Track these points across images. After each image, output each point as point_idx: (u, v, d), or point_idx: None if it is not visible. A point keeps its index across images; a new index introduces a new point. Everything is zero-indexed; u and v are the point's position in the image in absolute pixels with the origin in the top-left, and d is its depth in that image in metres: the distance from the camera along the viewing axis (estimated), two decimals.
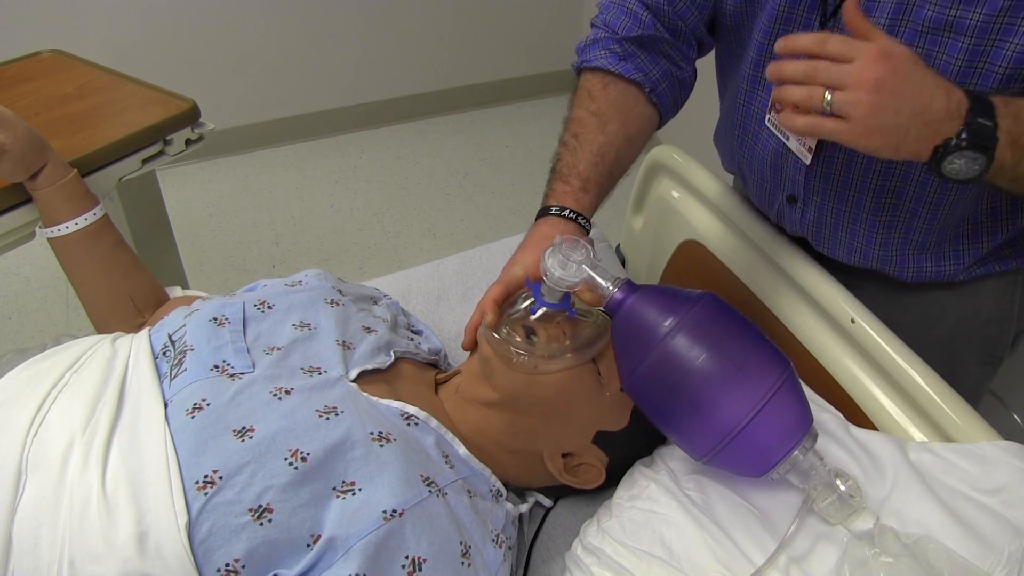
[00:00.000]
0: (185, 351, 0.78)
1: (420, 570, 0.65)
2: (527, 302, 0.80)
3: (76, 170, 0.96)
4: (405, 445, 0.72)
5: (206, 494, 0.64)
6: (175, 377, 0.75)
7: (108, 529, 0.63)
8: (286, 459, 0.67)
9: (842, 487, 0.69)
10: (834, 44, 0.67)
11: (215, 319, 0.81)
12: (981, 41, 0.71)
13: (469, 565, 0.68)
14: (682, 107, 1.00)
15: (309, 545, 0.64)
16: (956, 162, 0.67)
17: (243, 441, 0.67)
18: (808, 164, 0.88)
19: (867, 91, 0.65)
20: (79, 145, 1.07)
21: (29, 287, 2.26)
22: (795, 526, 0.70)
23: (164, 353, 0.80)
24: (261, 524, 0.64)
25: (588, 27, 0.98)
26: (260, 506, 0.64)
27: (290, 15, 2.76)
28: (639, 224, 1.32)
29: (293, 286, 0.92)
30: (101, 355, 0.79)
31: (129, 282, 0.97)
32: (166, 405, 0.73)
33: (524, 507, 0.85)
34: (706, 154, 1.25)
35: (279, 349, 0.80)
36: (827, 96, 0.67)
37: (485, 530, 0.73)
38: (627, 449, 0.84)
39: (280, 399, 0.73)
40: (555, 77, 3.34)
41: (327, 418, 0.71)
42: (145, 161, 1.15)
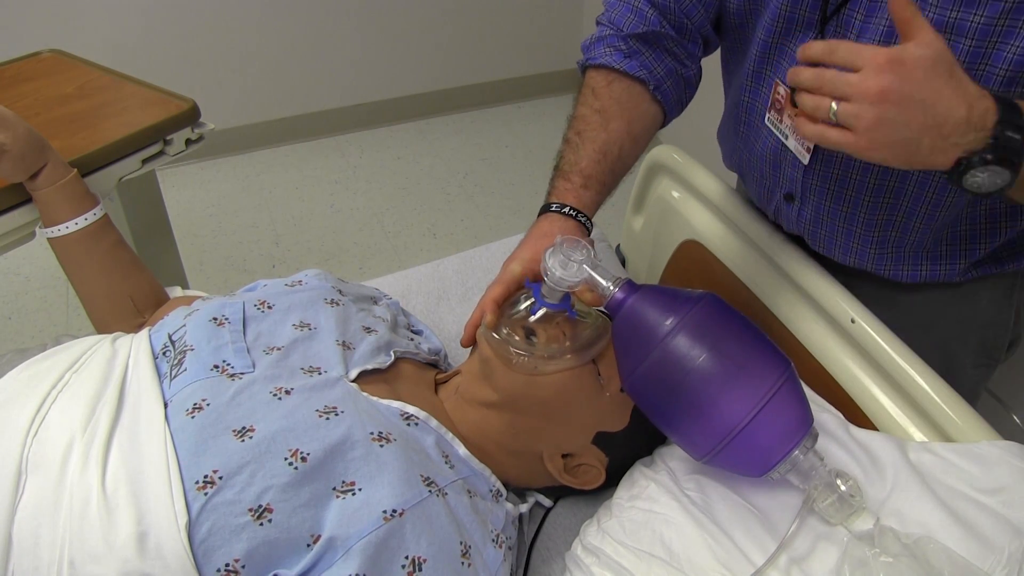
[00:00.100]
0: (185, 351, 0.78)
1: (420, 570, 0.65)
2: (527, 302, 0.80)
3: (76, 170, 0.96)
4: (405, 445, 0.72)
5: (206, 494, 0.64)
6: (175, 377, 0.75)
7: (108, 529, 0.63)
8: (286, 459, 0.67)
9: (842, 487, 0.69)
10: (841, 52, 0.65)
11: (215, 319, 0.81)
12: (982, 43, 0.71)
13: (469, 565, 0.68)
14: (687, 106, 1.00)
15: (309, 545, 0.64)
16: (979, 176, 0.64)
17: (243, 441, 0.67)
18: (806, 164, 0.88)
19: (870, 103, 0.63)
20: (79, 145, 1.07)
21: (29, 287, 2.26)
22: (795, 526, 0.70)
23: (164, 353, 0.80)
24: (261, 524, 0.64)
25: (588, 26, 0.98)
26: (260, 506, 0.64)
27: (290, 15, 2.76)
28: (639, 224, 1.32)
29: (293, 286, 0.92)
30: (101, 355, 0.79)
31: (129, 282, 0.97)
32: (166, 405, 0.72)
33: (524, 507, 0.85)
34: (706, 154, 1.25)
35: (279, 349, 0.80)
36: (833, 106, 0.65)
37: (485, 530, 0.73)
38: (627, 449, 0.84)
39: (280, 399, 0.73)
40: (555, 77, 3.34)
41: (327, 418, 0.71)
42: (145, 161, 1.15)
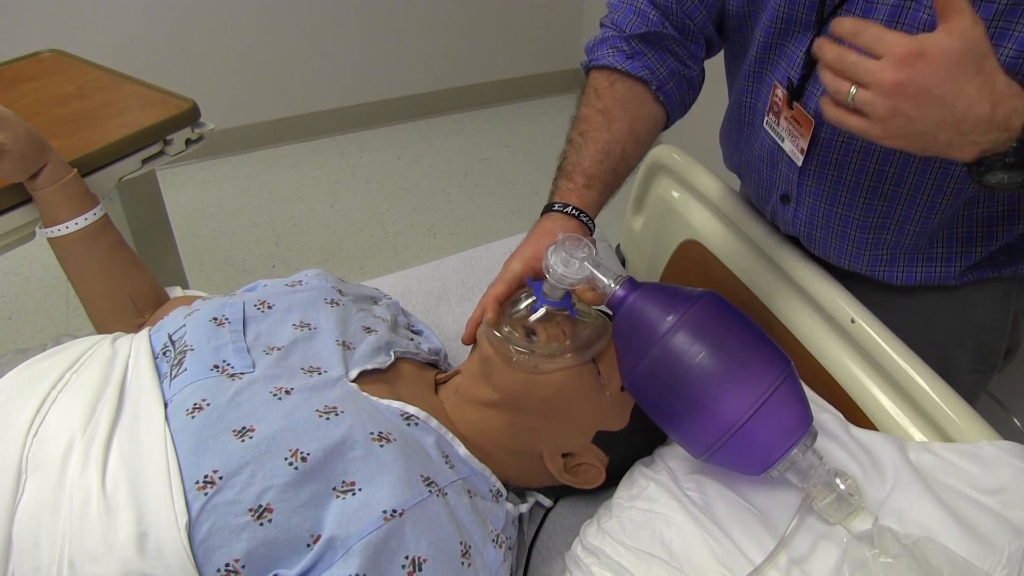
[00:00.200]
0: (185, 351, 0.78)
1: (420, 570, 0.65)
2: (528, 300, 0.80)
3: (76, 170, 0.96)
4: (405, 445, 0.72)
5: (206, 494, 0.64)
6: (175, 377, 0.75)
7: (108, 529, 0.63)
8: (286, 459, 0.67)
9: (841, 486, 0.69)
10: (866, 36, 0.63)
11: (215, 319, 0.81)
12: None
13: (469, 565, 0.68)
14: (691, 107, 1.00)
15: (309, 545, 0.64)
16: (999, 175, 0.64)
17: (243, 441, 0.67)
18: (800, 165, 0.88)
19: (885, 94, 0.62)
20: (79, 145, 1.07)
21: (29, 287, 2.26)
22: (795, 523, 0.70)
23: (164, 353, 0.80)
24: (261, 524, 0.64)
25: (588, 26, 0.98)
26: (260, 506, 0.64)
27: (290, 15, 2.76)
28: (639, 224, 1.32)
29: (293, 286, 0.92)
30: (101, 355, 0.79)
31: (129, 282, 0.97)
32: (166, 405, 0.73)
33: (524, 507, 0.85)
34: (706, 154, 1.25)
35: (279, 349, 0.80)
36: (852, 91, 0.64)
37: (485, 530, 0.73)
38: (627, 449, 0.85)
39: (280, 399, 0.73)
40: (555, 77, 3.34)
41: (327, 418, 0.71)
42: (145, 161, 1.15)
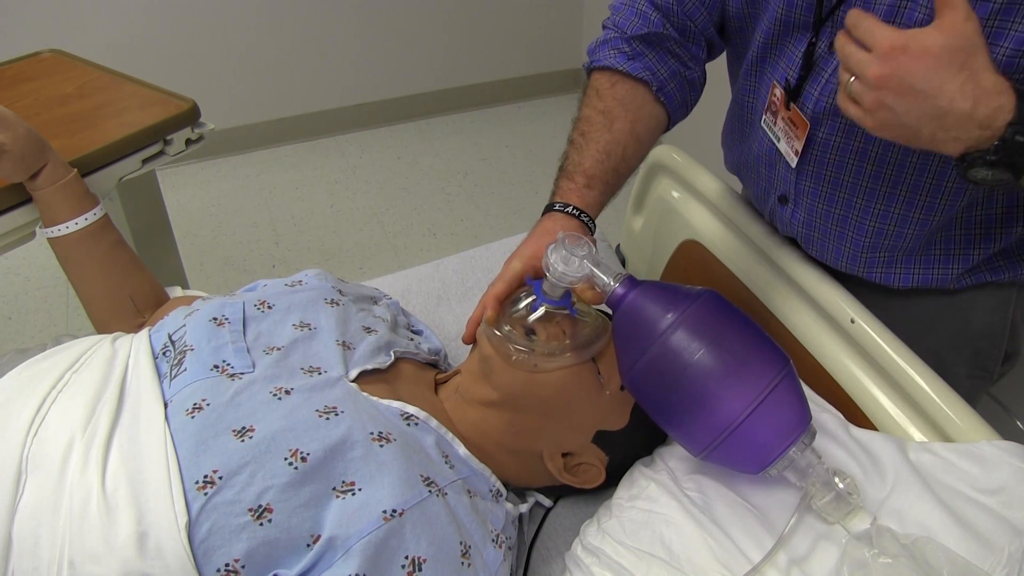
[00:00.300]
0: (185, 351, 0.78)
1: (420, 570, 0.65)
2: (528, 299, 0.80)
3: (76, 170, 0.96)
4: (405, 445, 0.72)
5: (206, 494, 0.64)
6: (175, 377, 0.76)
7: (108, 529, 0.63)
8: (286, 459, 0.67)
9: (840, 485, 0.69)
10: (862, 28, 0.64)
11: (215, 319, 0.81)
12: None
13: (469, 565, 0.68)
14: (692, 108, 1.00)
15: (309, 545, 0.64)
16: (982, 171, 0.64)
17: (243, 441, 0.67)
18: (794, 166, 0.88)
19: (871, 87, 0.63)
20: (79, 145, 1.07)
21: (29, 287, 2.26)
22: (793, 522, 0.70)
23: (164, 353, 0.80)
24: (261, 524, 0.64)
25: (588, 26, 0.98)
26: (260, 506, 0.64)
27: (290, 15, 2.76)
28: (639, 224, 1.32)
29: (293, 286, 0.92)
30: (101, 355, 0.79)
31: (129, 282, 0.97)
32: (166, 405, 0.73)
33: (524, 507, 0.85)
34: (706, 154, 1.25)
35: (279, 349, 0.80)
36: (850, 80, 0.65)
37: (485, 530, 0.73)
38: (627, 449, 0.85)
39: (280, 399, 0.73)
40: (555, 77, 3.34)
41: (327, 418, 0.71)
42: (145, 161, 1.15)
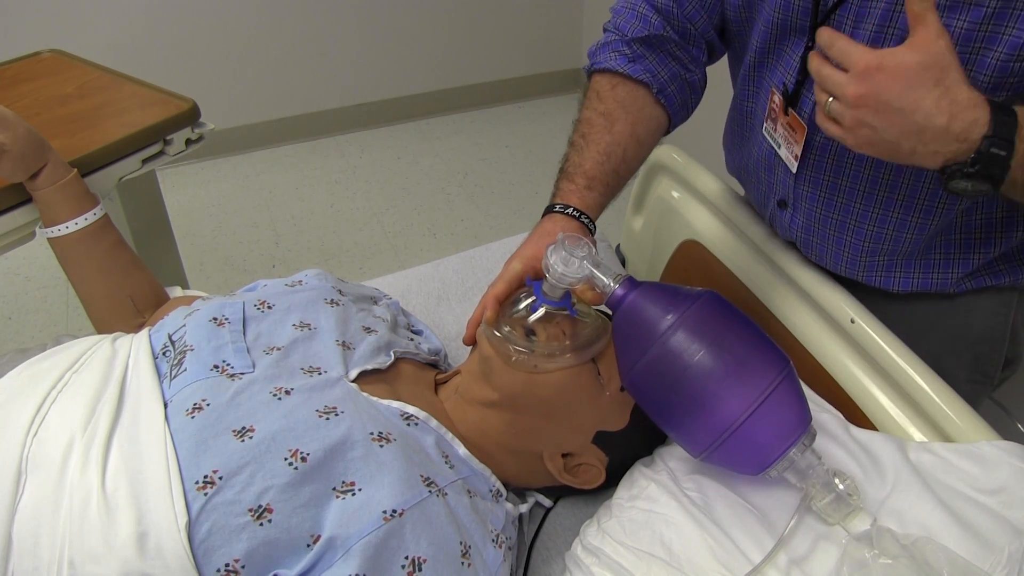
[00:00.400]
0: (185, 351, 0.78)
1: (420, 570, 0.65)
2: (528, 300, 0.80)
3: (76, 170, 0.96)
4: (405, 445, 0.72)
5: (206, 494, 0.64)
6: (175, 377, 0.75)
7: (108, 529, 0.63)
8: (286, 459, 0.67)
9: (840, 486, 0.69)
10: (836, 48, 0.66)
11: (215, 319, 0.81)
12: (966, 49, 0.70)
13: (469, 565, 0.68)
14: (693, 110, 1.00)
15: (309, 545, 0.64)
16: (962, 183, 0.65)
17: (243, 441, 0.67)
18: (795, 171, 0.88)
19: (849, 106, 0.65)
20: (79, 145, 1.07)
21: (29, 287, 2.26)
22: (794, 522, 0.70)
23: (164, 353, 0.80)
24: (261, 524, 0.64)
25: (588, 27, 0.98)
26: (260, 506, 0.64)
27: (290, 15, 2.76)
28: (639, 224, 1.32)
29: (293, 286, 0.92)
30: (101, 355, 0.79)
31: (129, 282, 0.97)
32: (166, 405, 0.72)
33: (524, 507, 0.85)
34: (706, 154, 1.25)
35: (279, 349, 0.80)
36: (828, 101, 0.67)
37: (485, 530, 0.73)
38: (627, 449, 0.84)
39: (280, 399, 0.73)
40: (555, 77, 3.34)
41: (327, 418, 0.71)
42: (145, 161, 1.15)
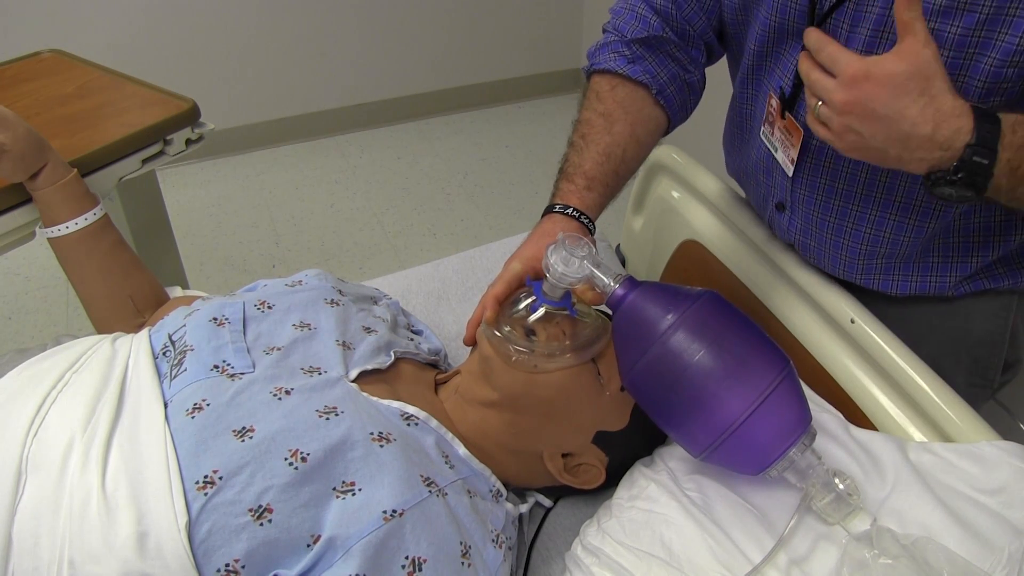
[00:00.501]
0: (185, 351, 0.78)
1: (420, 570, 0.65)
2: (528, 300, 0.80)
3: (76, 170, 0.96)
4: (405, 445, 0.72)
5: (206, 494, 0.64)
6: (175, 377, 0.75)
7: (108, 529, 0.63)
8: (286, 459, 0.67)
9: (840, 486, 0.69)
10: (824, 54, 0.67)
11: (215, 319, 0.81)
12: (960, 54, 0.71)
13: (469, 565, 0.68)
14: (692, 111, 1.00)
15: (309, 545, 0.64)
16: (947, 189, 0.66)
17: (243, 441, 0.67)
18: (791, 175, 0.89)
19: (837, 112, 0.66)
20: (79, 145, 1.06)
21: (29, 287, 2.26)
22: (794, 523, 0.70)
23: (164, 353, 0.80)
24: (261, 524, 0.64)
25: (588, 27, 0.98)
26: (260, 506, 0.64)
27: (290, 15, 2.76)
28: (639, 224, 1.32)
29: (293, 286, 0.92)
30: (101, 355, 0.79)
31: (129, 282, 0.97)
32: (166, 405, 0.72)
33: (524, 507, 0.85)
34: (706, 154, 1.25)
35: (279, 349, 0.80)
36: (818, 105, 0.68)
37: (485, 530, 0.73)
38: (627, 449, 0.84)
39: (280, 399, 0.73)
40: (555, 77, 3.34)
41: (327, 418, 0.71)
42: (145, 161, 1.15)
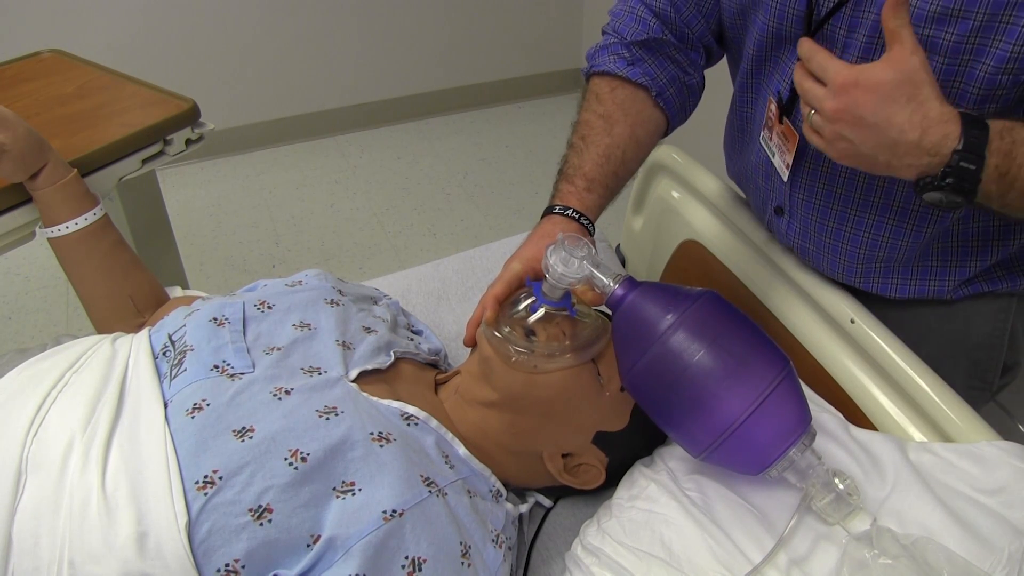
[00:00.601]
0: (185, 351, 0.78)
1: (420, 570, 0.65)
2: (528, 301, 0.80)
3: (76, 170, 0.96)
4: (405, 445, 0.72)
5: (206, 494, 0.64)
6: (175, 377, 0.75)
7: (108, 529, 0.63)
8: (286, 459, 0.67)
9: (840, 486, 0.69)
10: (815, 63, 0.68)
11: (215, 319, 0.81)
12: (955, 61, 0.71)
13: (469, 565, 0.68)
14: (691, 113, 1.01)
15: (309, 545, 0.64)
16: (935, 195, 0.67)
17: (243, 441, 0.67)
18: (786, 179, 0.89)
19: (827, 120, 0.67)
20: (79, 145, 1.06)
21: (29, 287, 2.26)
22: (793, 523, 0.70)
23: (164, 353, 0.80)
24: (261, 524, 0.64)
25: (588, 27, 0.99)
26: (260, 506, 0.64)
27: (290, 15, 2.76)
28: (639, 224, 1.32)
29: (293, 286, 0.92)
30: (101, 355, 0.79)
31: (129, 282, 0.97)
32: (166, 405, 0.73)
33: (524, 507, 0.85)
34: (706, 154, 1.25)
35: (279, 349, 0.80)
36: (810, 112, 0.69)
37: (485, 530, 0.73)
38: (627, 449, 0.84)
39: (280, 399, 0.73)
40: (555, 77, 3.34)
41: (327, 418, 0.71)
42: (145, 161, 1.15)
